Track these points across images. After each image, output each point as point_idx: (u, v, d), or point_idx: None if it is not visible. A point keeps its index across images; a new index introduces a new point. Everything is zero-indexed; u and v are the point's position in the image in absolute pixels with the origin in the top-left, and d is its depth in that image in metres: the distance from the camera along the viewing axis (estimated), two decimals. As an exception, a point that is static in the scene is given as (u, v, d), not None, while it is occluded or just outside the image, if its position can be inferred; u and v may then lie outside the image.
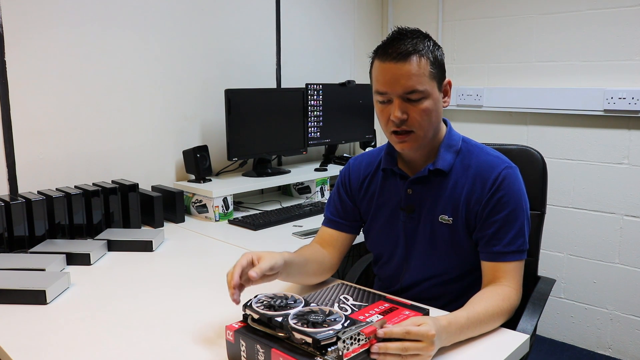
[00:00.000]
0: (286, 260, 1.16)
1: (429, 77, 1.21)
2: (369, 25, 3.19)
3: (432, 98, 1.23)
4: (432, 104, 1.23)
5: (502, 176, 1.26)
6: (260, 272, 1.06)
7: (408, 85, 1.19)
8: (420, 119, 1.22)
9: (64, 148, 1.95)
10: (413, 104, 1.21)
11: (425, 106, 1.22)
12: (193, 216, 2.20)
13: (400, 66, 1.19)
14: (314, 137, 2.64)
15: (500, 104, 2.76)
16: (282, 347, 0.93)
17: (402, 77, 1.19)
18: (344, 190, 1.46)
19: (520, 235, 1.25)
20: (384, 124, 1.27)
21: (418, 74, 1.20)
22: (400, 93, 1.20)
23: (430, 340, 0.94)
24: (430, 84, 1.22)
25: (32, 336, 1.14)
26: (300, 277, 1.30)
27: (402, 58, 1.19)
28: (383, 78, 1.22)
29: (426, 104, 1.22)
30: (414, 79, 1.19)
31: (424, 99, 1.21)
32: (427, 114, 1.22)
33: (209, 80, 2.39)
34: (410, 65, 1.19)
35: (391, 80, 1.21)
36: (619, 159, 2.46)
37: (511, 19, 2.71)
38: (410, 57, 1.19)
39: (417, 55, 1.20)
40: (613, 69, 2.42)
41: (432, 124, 1.25)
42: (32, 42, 1.84)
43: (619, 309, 2.52)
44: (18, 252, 1.63)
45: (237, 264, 1.08)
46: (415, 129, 1.23)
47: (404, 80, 1.19)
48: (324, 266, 1.36)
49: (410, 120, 1.22)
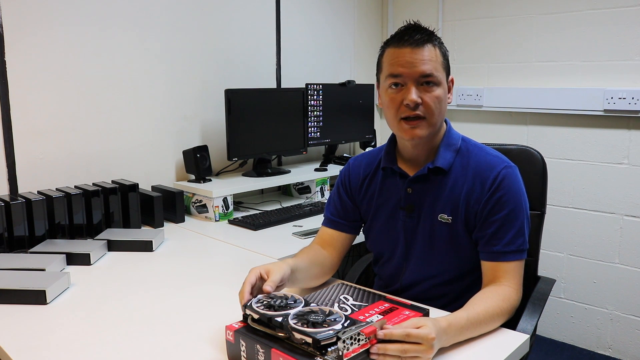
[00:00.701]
0: (292, 268, 1.19)
1: (442, 66, 1.26)
2: (369, 25, 3.19)
3: (443, 87, 1.26)
4: (443, 93, 1.26)
5: (501, 175, 1.26)
6: (274, 285, 1.08)
7: (425, 69, 1.22)
8: (434, 105, 1.24)
9: (64, 148, 1.95)
10: (427, 89, 1.24)
11: (438, 93, 1.24)
12: (193, 216, 2.20)
13: (417, 51, 1.23)
14: (314, 137, 2.64)
15: (500, 104, 2.76)
16: (282, 347, 0.93)
17: (419, 61, 1.22)
18: (344, 190, 1.46)
19: (520, 235, 1.25)
20: (395, 109, 1.26)
21: (434, 60, 1.24)
22: (417, 77, 1.23)
23: (430, 343, 0.95)
24: (443, 73, 1.26)
25: (32, 336, 1.14)
26: (303, 282, 1.30)
27: (419, 44, 1.23)
28: (399, 61, 1.24)
29: (439, 91, 1.25)
30: (431, 64, 1.23)
31: (437, 86, 1.24)
32: (439, 101, 1.25)
33: (209, 80, 2.39)
34: (428, 51, 1.23)
35: (408, 63, 1.23)
36: (619, 159, 2.46)
37: (511, 19, 2.71)
38: (426, 44, 1.24)
39: (431, 45, 1.24)
40: (613, 69, 2.42)
41: (441, 113, 1.27)
42: (32, 42, 1.84)
43: (619, 309, 2.52)
44: (18, 252, 1.63)
45: (246, 281, 1.09)
46: (428, 115, 1.25)
47: (421, 65, 1.22)
48: (325, 268, 1.37)
49: (425, 105, 1.24)
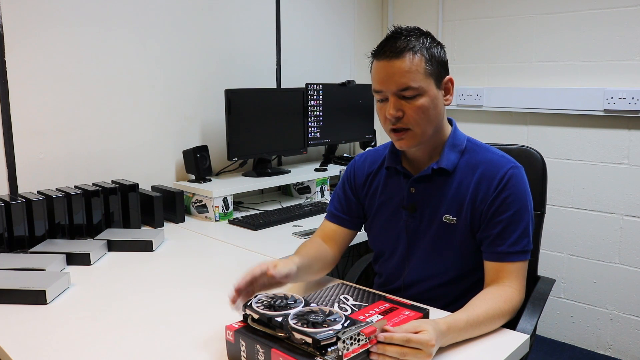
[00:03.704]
0: (298, 266, 1.20)
1: (423, 74, 1.21)
2: (369, 25, 3.19)
3: (428, 95, 1.22)
4: (428, 101, 1.22)
5: (508, 176, 1.25)
6: (279, 275, 1.11)
7: (401, 82, 1.20)
8: (416, 116, 1.22)
9: (64, 148, 1.95)
10: (408, 101, 1.21)
11: (420, 103, 1.21)
12: (193, 216, 2.20)
13: (392, 64, 1.20)
14: (314, 137, 2.64)
15: (500, 104, 2.76)
16: (282, 347, 0.93)
17: (395, 74, 1.20)
18: (348, 186, 1.46)
19: (525, 236, 1.24)
20: (383, 122, 1.27)
21: (411, 70, 1.19)
22: (394, 90, 1.21)
23: (429, 350, 0.95)
24: (426, 81, 1.21)
25: (32, 336, 1.14)
26: (305, 277, 1.32)
27: (395, 55, 1.20)
28: (378, 76, 1.23)
29: (421, 101, 1.21)
30: (407, 75, 1.19)
31: (419, 96, 1.21)
32: (422, 111, 1.22)
33: (209, 80, 2.39)
34: (403, 63, 1.19)
35: (385, 78, 1.21)
36: (619, 159, 2.46)
37: (511, 19, 2.71)
38: (403, 55, 1.20)
39: (411, 53, 1.20)
40: (613, 69, 2.42)
41: (430, 121, 1.24)
42: (32, 42, 1.84)
43: (619, 309, 2.52)
44: (18, 252, 1.63)
45: (249, 271, 1.10)
46: (411, 126, 1.23)
47: (397, 77, 1.20)
48: (326, 263, 1.39)
49: (406, 117, 1.22)
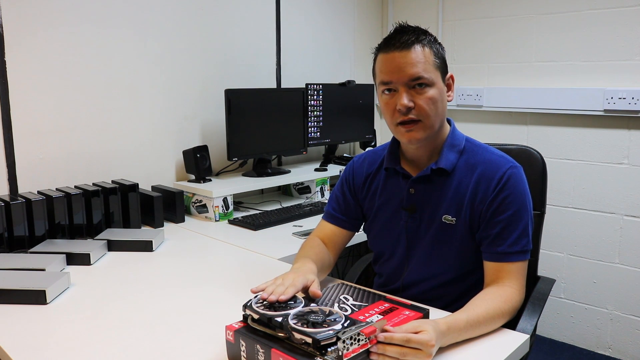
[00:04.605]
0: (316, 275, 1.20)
1: (433, 66, 1.23)
2: (369, 25, 3.19)
3: (437, 87, 1.23)
4: (437, 93, 1.23)
5: (507, 175, 1.25)
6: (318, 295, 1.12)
7: (413, 72, 1.20)
8: (427, 107, 1.22)
9: (64, 148, 1.95)
10: (419, 91, 1.22)
11: (431, 94, 1.22)
12: (193, 216, 2.20)
13: (404, 54, 1.21)
14: (314, 137, 2.64)
15: (500, 104, 2.76)
16: (282, 347, 0.93)
17: (407, 64, 1.20)
18: (347, 187, 1.46)
19: (525, 236, 1.24)
20: (390, 115, 1.26)
21: (423, 61, 1.21)
22: (406, 80, 1.21)
23: (429, 350, 0.95)
24: (435, 73, 1.23)
25: (32, 336, 1.14)
26: None
27: (405, 47, 1.21)
28: (387, 68, 1.23)
29: (432, 92, 1.22)
30: (419, 66, 1.20)
31: (430, 87, 1.22)
32: (433, 102, 1.23)
33: (209, 80, 2.39)
34: (415, 54, 1.21)
35: (396, 68, 1.21)
36: (619, 159, 2.46)
37: (511, 19, 2.71)
38: (414, 46, 1.21)
39: (421, 45, 1.22)
40: (613, 69, 2.42)
41: (438, 114, 1.25)
42: (32, 42, 1.84)
43: (619, 309, 2.52)
44: (18, 252, 1.63)
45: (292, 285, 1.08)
46: (422, 117, 1.23)
47: (409, 68, 1.20)
48: (329, 266, 1.39)
49: (417, 108, 1.22)
